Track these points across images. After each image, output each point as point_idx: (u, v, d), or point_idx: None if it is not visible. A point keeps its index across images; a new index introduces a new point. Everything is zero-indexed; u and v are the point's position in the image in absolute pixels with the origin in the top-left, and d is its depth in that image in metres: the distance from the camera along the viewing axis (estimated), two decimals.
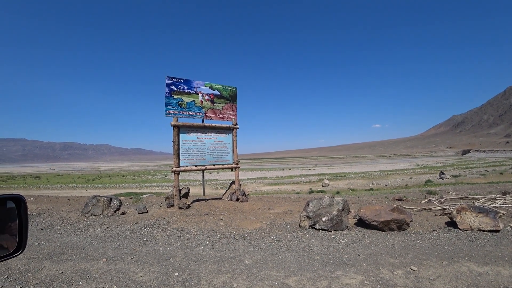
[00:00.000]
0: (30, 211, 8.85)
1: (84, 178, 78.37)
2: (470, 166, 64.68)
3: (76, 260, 4.26)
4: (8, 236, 1.19)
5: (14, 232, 1.20)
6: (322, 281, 3.41)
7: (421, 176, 45.91)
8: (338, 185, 39.79)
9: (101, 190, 46.15)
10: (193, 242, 5.19)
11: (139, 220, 6.88)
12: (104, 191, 45.21)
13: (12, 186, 55.46)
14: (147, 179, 69.12)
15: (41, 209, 9.48)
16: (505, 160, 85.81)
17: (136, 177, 78.72)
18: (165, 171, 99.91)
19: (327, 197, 6.32)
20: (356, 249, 4.62)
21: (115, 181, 66.91)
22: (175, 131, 8.43)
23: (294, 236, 5.45)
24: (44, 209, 9.46)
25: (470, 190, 12.90)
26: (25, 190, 44.06)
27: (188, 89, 8.86)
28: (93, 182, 63.34)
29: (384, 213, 5.82)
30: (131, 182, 62.50)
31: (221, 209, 8.09)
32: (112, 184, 56.98)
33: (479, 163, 72.85)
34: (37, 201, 12.12)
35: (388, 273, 3.59)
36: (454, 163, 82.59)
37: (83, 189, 49.48)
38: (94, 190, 47.61)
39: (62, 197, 14.10)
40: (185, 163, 8.62)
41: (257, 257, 4.32)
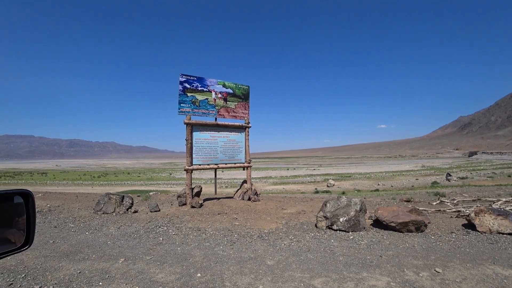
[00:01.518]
0: (41, 208, 8.85)
1: (90, 175, 78.95)
2: (477, 168, 63.84)
3: (94, 259, 4.18)
4: (15, 231, 1.19)
5: (21, 227, 1.21)
6: (348, 282, 3.36)
7: (427, 178, 45.41)
8: (343, 185, 39.50)
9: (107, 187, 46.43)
10: (211, 242, 5.11)
11: (152, 219, 6.80)
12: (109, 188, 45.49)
13: (19, 182, 56.04)
14: (152, 177, 69.42)
15: (51, 205, 9.48)
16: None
17: (141, 174, 79.11)
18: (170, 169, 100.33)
19: (344, 197, 6.25)
20: (377, 250, 4.59)
21: (120, 178, 67.28)
22: (188, 129, 8.35)
23: (312, 236, 5.41)
24: (54, 205, 9.45)
25: (478, 192, 12.62)
26: (32, 186, 44.49)
27: (202, 87, 8.77)
28: (99, 179, 63.73)
29: (402, 214, 5.77)
30: (137, 179, 62.80)
31: (234, 209, 8.00)
32: (118, 182, 57.29)
33: (487, 165, 71.91)
34: (46, 197, 12.16)
35: (413, 275, 3.56)
36: (460, 165, 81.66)
37: (88, 186, 49.83)
38: (100, 187, 47.90)
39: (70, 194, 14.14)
40: (198, 161, 8.55)
41: (279, 257, 4.25)
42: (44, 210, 8.54)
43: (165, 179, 63.10)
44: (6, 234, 1.16)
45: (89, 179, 65.41)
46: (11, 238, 1.17)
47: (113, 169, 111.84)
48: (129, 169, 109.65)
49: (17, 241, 1.19)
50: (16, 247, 1.19)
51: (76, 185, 50.97)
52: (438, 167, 72.78)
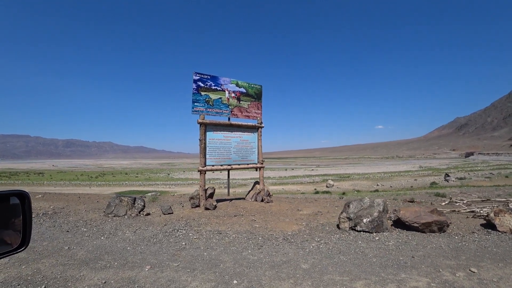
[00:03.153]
0: (45, 210, 8.57)
1: (87, 175, 78.22)
2: (475, 168, 64.11)
3: (117, 267, 3.92)
4: (12, 232, 1.19)
5: (18, 228, 1.20)
6: (389, 284, 3.33)
7: (425, 178, 45.48)
8: (342, 186, 39.41)
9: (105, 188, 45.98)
10: (236, 245, 4.91)
11: (168, 222, 6.54)
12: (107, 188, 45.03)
13: (16, 182, 55.33)
14: (150, 177, 68.95)
15: (55, 207, 9.20)
16: (509, 163, 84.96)
17: (139, 175, 78.59)
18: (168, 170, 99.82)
19: (367, 198, 6.24)
20: (406, 251, 4.60)
21: (118, 178, 66.70)
22: (202, 129, 8.12)
23: (338, 238, 5.35)
24: (59, 207, 9.18)
25: (478, 193, 12.57)
26: (29, 187, 43.90)
27: (215, 86, 8.55)
28: (96, 180, 63.11)
29: (424, 215, 5.79)
30: (134, 180, 62.31)
31: (249, 210, 7.80)
32: (116, 182, 56.79)
33: (483, 166, 72.25)
34: (46, 198, 11.86)
35: (450, 275, 3.57)
36: (458, 165, 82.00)
37: (86, 186, 49.33)
38: (98, 187, 47.42)
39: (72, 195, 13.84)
40: (211, 162, 8.32)
41: (312, 261, 4.14)
42: (49, 212, 8.26)
43: (164, 179, 62.69)
44: (2, 236, 1.16)
45: (86, 179, 64.79)
46: (7, 239, 1.17)
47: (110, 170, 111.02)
48: (127, 170, 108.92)
49: (13, 242, 1.19)
50: (12, 249, 1.18)
51: (73, 185, 50.41)
52: (435, 168, 73.02)
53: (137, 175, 78.18)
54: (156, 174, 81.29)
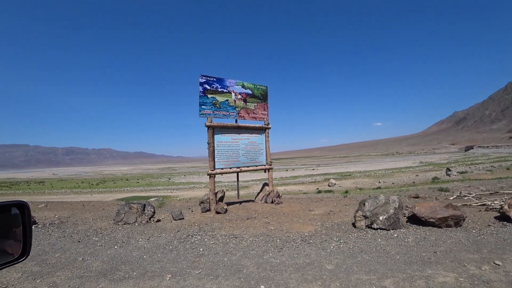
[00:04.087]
0: (51, 220, 8.44)
1: (88, 182, 77.88)
2: (475, 162, 63.97)
3: (136, 277, 3.80)
4: (13, 242, 1.21)
5: (19, 238, 1.23)
6: (418, 281, 3.33)
7: (426, 173, 45.31)
8: (344, 184, 39.21)
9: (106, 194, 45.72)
10: (256, 249, 4.81)
11: (180, 228, 6.42)
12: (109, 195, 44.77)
13: (16, 192, 54.96)
14: (151, 182, 68.64)
15: (60, 216, 9.07)
16: (509, 155, 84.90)
17: (140, 180, 78.28)
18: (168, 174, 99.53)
19: (382, 195, 6.19)
20: (427, 246, 4.59)
21: (119, 185, 66.41)
22: (209, 132, 8.02)
23: (356, 237, 5.32)
24: (64, 216, 9.05)
25: (481, 186, 12.54)
26: (30, 196, 43.59)
27: (221, 88, 8.46)
28: (97, 187, 62.80)
29: (439, 210, 5.79)
30: (136, 185, 62.02)
31: (261, 212, 7.70)
32: (117, 188, 56.48)
33: (484, 159, 72.16)
34: (50, 207, 11.72)
35: (476, 269, 3.60)
36: (458, 159, 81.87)
37: (87, 193, 49.03)
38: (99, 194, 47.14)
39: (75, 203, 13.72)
40: (220, 165, 8.21)
41: (336, 261, 4.09)
42: (56, 222, 8.12)
43: (165, 184, 62.44)
44: (4, 246, 1.18)
45: (87, 186, 64.48)
46: (8, 249, 1.19)
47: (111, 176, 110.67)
48: (127, 175, 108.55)
49: (14, 252, 1.20)
50: (13, 259, 1.20)
51: (74, 193, 50.12)
52: (436, 163, 72.88)
53: (138, 180, 77.92)
54: (157, 179, 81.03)
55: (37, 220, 8.24)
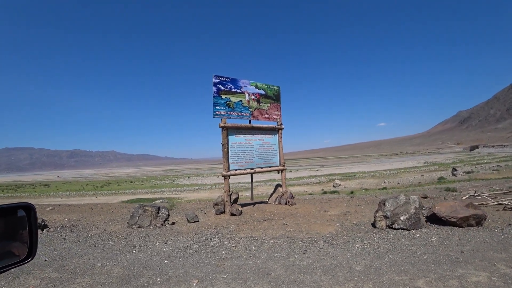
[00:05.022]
0: (61, 223, 8.37)
1: (93, 185, 78.19)
2: (481, 161, 63.26)
3: (161, 283, 3.67)
4: (19, 244, 1.22)
5: (25, 240, 1.23)
6: (451, 280, 3.29)
7: (432, 173, 44.84)
8: (349, 185, 38.91)
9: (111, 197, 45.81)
10: (279, 251, 4.69)
11: (197, 231, 6.29)
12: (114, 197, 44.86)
13: (22, 194, 55.29)
14: (156, 184, 68.75)
15: (70, 219, 8.99)
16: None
17: (144, 182, 78.45)
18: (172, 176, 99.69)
19: (402, 195, 6.11)
20: (452, 246, 4.56)
21: (123, 187, 66.58)
22: (224, 133, 7.92)
23: (379, 237, 5.25)
24: (74, 219, 8.97)
25: (489, 186, 12.35)
26: (36, 198, 43.80)
27: (235, 88, 8.38)
28: (102, 189, 62.97)
29: (460, 209, 5.75)
30: (140, 187, 62.11)
31: (277, 214, 7.59)
32: (122, 190, 56.61)
33: (490, 159, 71.33)
34: (58, 210, 11.66)
35: (507, 268, 3.58)
36: (463, 159, 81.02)
37: (92, 196, 49.18)
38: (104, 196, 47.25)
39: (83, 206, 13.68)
40: (234, 166, 8.11)
41: (364, 262, 4.02)
42: (67, 225, 8.03)
43: (169, 186, 62.48)
44: (10, 247, 1.19)
45: (92, 189, 64.69)
46: (14, 251, 1.20)
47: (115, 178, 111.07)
48: (131, 178, 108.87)
49: (20, 254, 1.22)
50: (20, 260, 1.21)
51: (79, 195, 50.27)
52: (441, 163, 72.19)
53: (142, 182, 78.06)
54: (161, 181, 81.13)
55: (48, 223, 8.14)
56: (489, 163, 54.86)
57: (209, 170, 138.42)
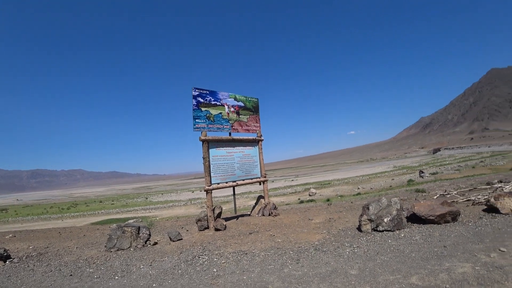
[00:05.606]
0: (25, 253, 7.45)
1: (58, 207, 73.09)
2: (444, 163, 67.32)
3: None
4: None
5: None
6: (440, 274, 3.53)
7: (401, 177, 46.90)
8: (325, 193, 39.60)
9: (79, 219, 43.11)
10: (272, 263, 4.62)
11: (182, 249, 6.02)
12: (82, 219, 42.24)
13: None
14: (128, 203, 65.76)
15: (36, 247, 8.11)
16: (472, 155, 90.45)
17: (115, 201, 74.79)
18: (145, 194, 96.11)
19: (384, 198, 6.37)
20: (435, 242, 4.85)
21: (93, 207, 62.97)
22: (204, 146, 7.77)
23: (366, 240, 5.42)
24: (41, 247, 8.10)
25: (453, 184, 13.27)
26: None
27: (215, 100, 8.32)
28: (68, 211, 59.05)
29: (437, 207, 6.14)
30: (111, 207, 59.05)
31: (262, 226, 7.52)
32: (91, 211, 53.43)
33: (451, 160, 76.14)
34: (20, 237, 10.54)
35: (486, 257, 3.90)
36: (428, 162, 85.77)
37: (58, 219, 45.95)
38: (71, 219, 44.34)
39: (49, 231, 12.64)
40: (216, 180, 7.95)
41: (357, 266, 4.12)
42: (33, 254, 7.13)
43: (142, 204, 60.04)
44: None
45: (57, 211, 60.41)
46: None
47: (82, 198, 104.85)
48: (101, 197, 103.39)
49: None
50: None
51: (43, 219, 46.71)
52: (408, 166, 75.85)
53: (112, 202, 74.37)
54: (133, 199, 77.78)
55: (11, 253, 7.21)
56: (451, 164, 58.54)
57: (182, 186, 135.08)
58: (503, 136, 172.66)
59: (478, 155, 79.34)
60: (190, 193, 77.82)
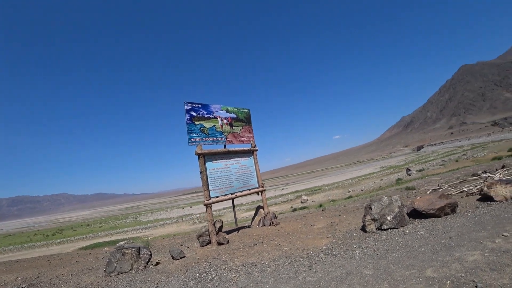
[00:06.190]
0: (15, 284, 7.01)
1: (42, 234, 70.03)
2: (428, 159, 69.21)
3: None
4: None
5: None
6: (452, 264, 3.62)
7: (389, 176, 47.80)
8: (316, 199, 39.79)
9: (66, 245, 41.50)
10: (285, 272, 4.56)
11: (188, 267, 5.84)
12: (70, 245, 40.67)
13: None
14: (116, 225, 63.91)
15: (26, 278, 7.58)
16: (454, 149, 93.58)
17: (103, 224, 72.55)
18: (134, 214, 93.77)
19: (385, 197, 6.42)
20: (440, 234, 4.96)
21: (80, 232, 60.78)
22: (201, 160, 7.70)
23: (373, 239, 5.48)
24: (31, 277, 7.58)
25: (441, 179, 13.68)
26: None
27: (208, 114, 8.32)
28: (54, 237, 56.71)
29: (435, 201, 6.32)
30: (99, 230, 57.19)
31: (265, 236, 7.45)
32: (78, 236, 51.57)
33: (434, 156, 78.38)
34: (7, 269, 9.82)
35: (492, 243, 4.04)
36: (413, 159, 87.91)
37: (43, 246, 44.03)
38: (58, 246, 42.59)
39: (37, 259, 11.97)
40: (215, 193, 7.85)
41: (370, 265, 4.15)
42: (23, 286, 6.63)
43: (132, 224, 58.51)
44: None
45: (41, 239, 57.88)
46: None
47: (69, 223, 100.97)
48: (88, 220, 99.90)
49: None
50: None
51: (27, 248, 44.62)
52: (395, 165, 77.50)
53: (100, 224, 72.08)
54: (121, 220, 75.64)
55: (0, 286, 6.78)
56: (435, 160, 60.20)
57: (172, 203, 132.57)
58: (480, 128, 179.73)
59: (460, 149, 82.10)
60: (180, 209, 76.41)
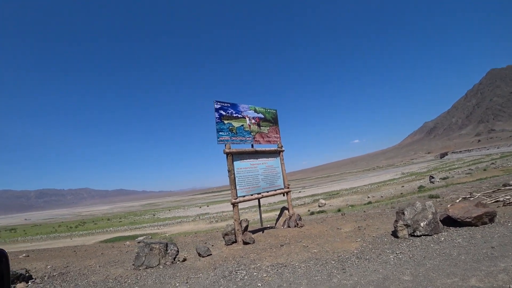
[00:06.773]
0: (46, 272, 7.22)
1: (66, 225, 73.08)
2: (453, 167, 66.54)
3: None
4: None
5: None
6: (499, 275, 3.45)
7: (411, 183, 46.25)
8: (334, 203, 39.10)
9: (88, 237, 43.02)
10: (317, 274, 4.46)
11: (215, 265, 5.85)
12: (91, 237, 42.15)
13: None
14: (135, 220, 65.57)
15: (55, 267, 7.86)
16: (482, 157, 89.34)
17: (122, 219, 74.66)
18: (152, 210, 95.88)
19: (418, 202, 6.21)
20: (480, 244, 4.72)
21: (100, 225, 62.88)
22: (229, 159, 7.73)
23: (407, 245, 5.30)
24: (60, 266, 7.86)
25: (467, 188, 12.99)
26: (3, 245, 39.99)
27: (236, 113, 8.37)
28: (77, 229, 59.06)
29: (472, 209, 6.05)
30: (118, 225, 58.93)
31: (291, 237, 7.37)
32: (99, 229, 53.38)
33: (460, 164, 75.25)
34: (35, 257, 10.26)
35: None
36: (436, 167, 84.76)
37: (67, 237, 45.92)
38: (80, 237, 44.26)
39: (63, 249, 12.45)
40: (242, 192, 7.86)
41: (408, 271, 4.02)
42: (54, 274, 6.92)
43: (150, 221, 59.84)
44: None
45: (65, 230, 60.39)
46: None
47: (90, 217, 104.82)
48: (108, 215, 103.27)
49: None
50: None
51: (52, 238, 46.67)
52: (417, 172, 75.01)
53: (120, 219, 74.25)
54: (140, 216, 77.58)
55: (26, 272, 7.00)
56: (461, 168, 57.76)
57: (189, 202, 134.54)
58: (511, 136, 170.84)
59: (488, 157, 78.31)
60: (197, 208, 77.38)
